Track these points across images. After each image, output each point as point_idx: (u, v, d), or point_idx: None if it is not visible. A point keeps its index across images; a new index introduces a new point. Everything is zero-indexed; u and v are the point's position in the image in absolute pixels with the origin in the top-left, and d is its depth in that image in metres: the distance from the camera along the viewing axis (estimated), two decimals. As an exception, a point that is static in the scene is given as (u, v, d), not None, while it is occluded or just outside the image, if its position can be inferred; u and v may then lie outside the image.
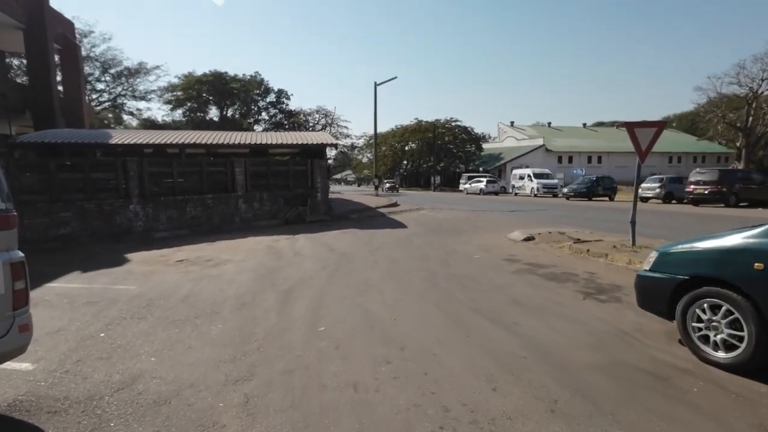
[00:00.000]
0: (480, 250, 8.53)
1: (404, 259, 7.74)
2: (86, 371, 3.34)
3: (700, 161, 57.69)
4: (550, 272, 6.50)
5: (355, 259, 7.91)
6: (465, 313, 4.62)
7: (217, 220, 12.66)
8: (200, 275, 6.73)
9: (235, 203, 13.05)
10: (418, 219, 15.28)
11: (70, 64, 18.33)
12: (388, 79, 25.22)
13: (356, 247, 9.27)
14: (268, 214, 13.77)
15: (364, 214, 16.74)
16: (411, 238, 10.43)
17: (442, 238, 10.29)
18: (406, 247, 9.18)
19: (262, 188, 13.67)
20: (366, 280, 6.22)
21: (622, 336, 3.92)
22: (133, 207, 11.21)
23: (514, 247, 8.81)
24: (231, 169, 12.98)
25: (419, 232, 11.52)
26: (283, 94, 52.83)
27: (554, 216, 15.61)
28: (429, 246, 9.22)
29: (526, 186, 33.58)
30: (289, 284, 6.05)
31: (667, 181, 22.51)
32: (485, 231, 11.54)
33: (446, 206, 21.45)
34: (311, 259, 7.90)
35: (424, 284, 5.94)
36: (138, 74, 40.84)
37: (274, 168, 13.94)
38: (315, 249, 9.06)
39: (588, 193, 25.88)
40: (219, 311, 4.85)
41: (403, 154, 60.38)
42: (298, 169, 14.53)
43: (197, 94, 42.07)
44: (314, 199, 14.75)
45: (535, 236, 9.56)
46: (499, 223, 13.31)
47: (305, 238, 10.60)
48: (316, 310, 4.85)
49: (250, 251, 8.85)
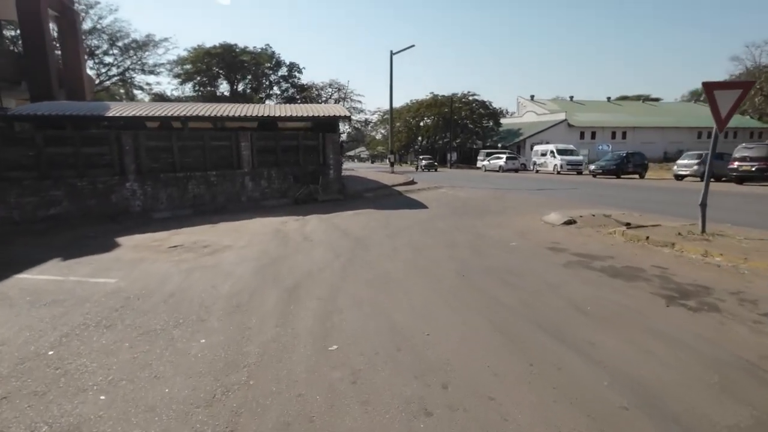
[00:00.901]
0: (516, 236, 7.40)
1: (429, 247, 6.68)
2: (4, 419, 2.40)
3: (732, 137, 54.71)
4: (609, 266, 5.37)
5: (372, 245, 6.88)
6: (519, 326, 3.56)
7: (221, 199, 11.72)
8: (194, 265, 5.78)
9: (241, 181, 12.06)
10: (438, 198, 14.13)
11: (68, 32, 17.26)
12: (405, 48, 23.63)
13: (373, 230, 8.23)
14: (277, 193, 12.78)
15: (380, 193, 15.65)
16: (433, 221, 9.34)
17: (469, 221, 9.17)
18: (430, 231, 8.10)
19: (271, 165, 12.64)
20: (386, 274, 5.19)
21: (749, 369, 2.82)
22: (130, 185, 10.31)
23: (554, 233, 7.66)
24: (236, 144, 11.95)
25: (442, 214, 10.41)
26: (295, 67, 51.13)
27: (587, 195, 14.29)
28: (455, 230, 8.12)
29: (549, 163, 31.92)
30: (295, 279, 5.06)
31: (706, 157, 20.74)
32: (516, 212, 10.36)
33: (466, 184, 20.20)
34: (322, 246, 6.89)
35: (457, 281, 4.88)
36: (146, 47, 39.66)
37: (282, 143, 12.86)
38: (327, 233, 8.05)
39: (617, 171, 24.23)
40: (206, 317, 3.88)
41: (418, 130, 58.56)
42: (309, 143, 13.42)
43: (207, 68, 40.77)
44: (326, 177, 13.68)
45: (576, 219, 8.37)
46: (528, 203, 12.09)
47: (316, 220, 9.60)
48: (326, 317, 3.84)
49: (255, 235, 7.88)
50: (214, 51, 40.28)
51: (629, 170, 24.42)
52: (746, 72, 43.34)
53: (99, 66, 38.46)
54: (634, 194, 14.42)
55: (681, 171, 21.51)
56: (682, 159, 21.73)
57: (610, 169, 24.35)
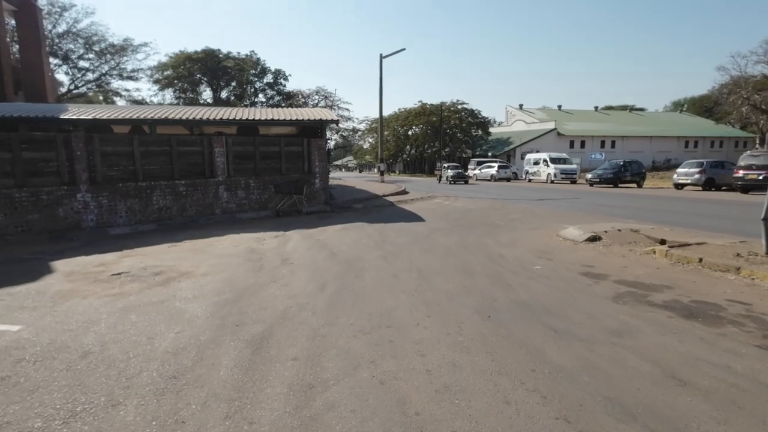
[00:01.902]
0: (537, 256, 6.21)
1: (437, 272, 5.43)
2: None
3: (718, 146, 55.10)
4: (673, 300, 4.19)
5: (365, 270, 5.61)
6: (598, 417, 2.32)
7: (192, 211, 10.34)
8: (134, 302, 4.43)
9: (214, 191, 10.70)
10: (434, 210, 12.94)
11: (28, 28, 15.77)
12: (395, 51, 22.62)
13: (365, 249, 6.96)
14: (256, 204, 11.43)
15: (371, 204, 14.40)
16: (434, 236, 8.11)
17: (476, 237, 7.96)
18: (433, 250, 6.86)
19: (249, 173, 11.31)
20: (388, 315, 3.92)
21: None
22: (81, 196, 8.87)
23: (580, 252, 6.49)
24: (209, 150, 10.60)
25: (442, 228, 9.19)
26: (281, 74, 49.90)
27: (593, 206, 13.26)
28: (463, 249, 6.90)
29: (542, 172, 31.14)
30: (265, 324, 3.75)
31: (708, 165, 20.07)
32: (526, 226, 9.20)
33: (461, 194, 19.10)
34: (304, 272, 5.59)
35: (483, 326, 3.64)
36: (124, 52, 38.08)
37: (262, 149, 11.55)
38: (311, 253, 6.75)
39: (615, 180, 23.48)
40: (121, 400, 2.56)
41: (406, 139, 57.69)
42: (293, 150, 12.14)
43: (188, 74, 39.20)
44: (312, 186, 12.40)
45: (600, 235, 7.22)
46: (534, 216, 10.96)
47: (299, 236, 8.29)
48: (304, 398, 2.55)
49: (223, 257, 6.53)
50: (195, 56, 38.79)
51: (627, 179, 23.71)
52: (732, 81, 43.36)
53: (74, 71, 36.77)
54: (643, 204, 13.44)
55: (681, 180, 20.79)
56: (682, 168, 21.02)
57: (608, 177, 23.58)
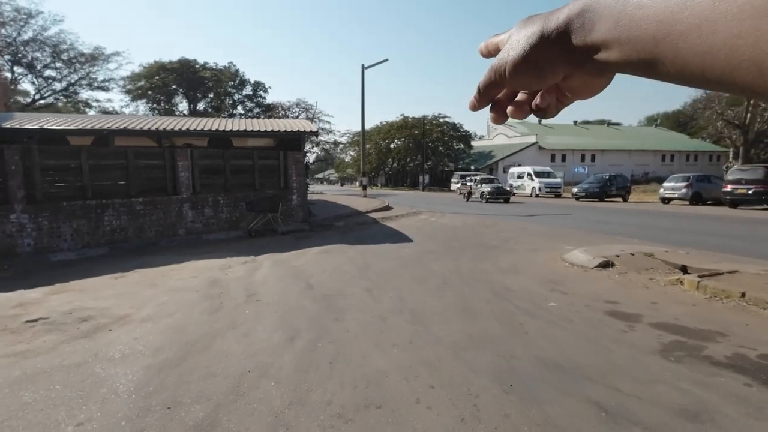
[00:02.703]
0: (548, 288, 5.33)
1: (434, 312, 4.48)
2: None
3: (693, 160, 56.31)
4: (735, 355, 3.34)
5: (347, 311, 4.61)
6: None
7: (151, 232, 9.17)
8: (40, 367, 3.33)
9: (177, 209, 9.57)
10: (421, 227, 12.05)
11: (-22, 31, 14.41)
12: (378, 62, 21.97)
13: (347, 279, 5.97)
14: (226, 224, 10.33)
15: (353, 221, 13.42)
16: (425, 261, 7.18)
17: (471, 261, 7.07)
18: (426, 280, 5.91)
19: (218, 189, 10.22)
20: (377, 386, 2.93)
21: None
22: (16, 217, 7.63)
23: (595, 282, 5.64)
24: (172, 163, 9.49)
25: (433, 250, 8.28)
26: (260, 86, 48.90)
27: (588, 222, 12.61)
28: (459, 278, 5.98)
29: (526, 185, 30.76)
30: (209, 404, 2.71)
31: (694, 180, 19.86)
32: (524, 247, 8.36)
33: (446, 209, 18.30)
34: (272, 313, 4.56)
35: (509, 404, 2.68)
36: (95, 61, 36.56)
37: (233, 162, 10.49)
38: (283, 285, 5.72)
39: (601, 194, 23.15)
40: None
41: (388, 153, 57.15)
42: (268, 163, 11.12)
43: (162, 84, 37.74)
44: (288, 203, 11.36)
45: (611, 260, 6.42)
46: (530, 234, 10.17)
47: (271, 262, 7.24)
48: None
49: (176, 293, 5.44)
50: (170, 66, 37.40)
51: (612, 193, 23.40)
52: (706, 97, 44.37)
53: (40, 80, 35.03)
54: (640, 220, 12.85)
55: (668, 194, 20.51)
56: (668, 182, 20.77)
57: (594, 192, 23.24)
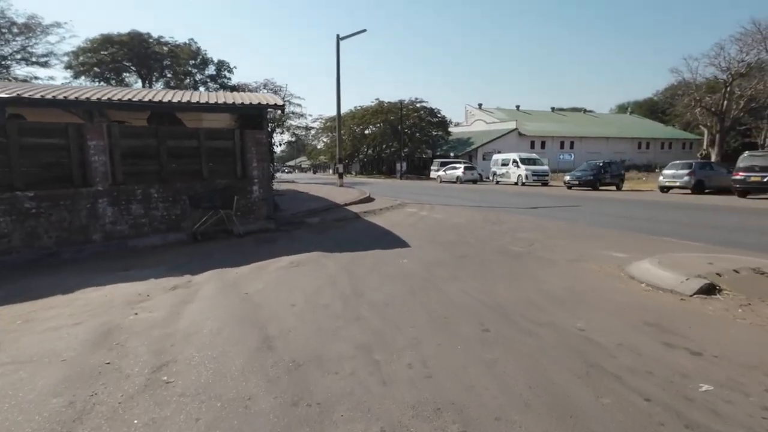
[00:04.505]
0: (660, 342, 3.22)
1: (497, 414, 2.32)
2: None
3: (668, 147, 56.46)
4: None
5: (334, 411, 2.40)
6: None
7: (50, 239, 6.60)
8: None
9: (90, 207, 7.01)
10: (413, 224, 9.89)
11: None
12: (354, 33, 19.40)
13: (329, 327, 3.71)
14: (163, 225, 7.84)
15: (329, 216, 11.10)
16: (439, 282, 5.01)
17: (505, 282, 4.94)
18: (452, 322, 3.72)
19: (150, 178, 7.69)
20: None
21: None
22: None
23: (719, 326, 3.60)
24: (80, 143, 6.89)
25: (442, 260, 6.12)
26: (225, 66, 45.08)
27: (605, 216, 10.83)
28: (504, 319, 3.83)
29: (511, 173, 29.10)
30: None
31: (697, 167, 18.50)
32: (559, 255, 6.29)
33: (432, 200, 16.24)
34: (187, 426, 2.29)
35: None
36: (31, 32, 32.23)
37: (172, 143, 7.95)
38: (221, 342, 3.40)
39: (594, 182, 21.66)
40: None
41: (363, 139, 54.50)
42: (219, 145, 8.63)
43: (112, 59, 33.70)
44: (247, 196, 8.94)
45: (715, 282, 4.42)
46: (551, 234, 8.18)
47: (213, 290, 4.89)
48: None
49: (16, 372, 3.04)
50: (119, 38, 33.35)
51: (606, 181, 21.94)
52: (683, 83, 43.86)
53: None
54: (661, 214, 11.14)
55: (668, 182, 19.11)
56: (668, 169, 19.36)
57: (588, 180, 21.70)
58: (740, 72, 38.38)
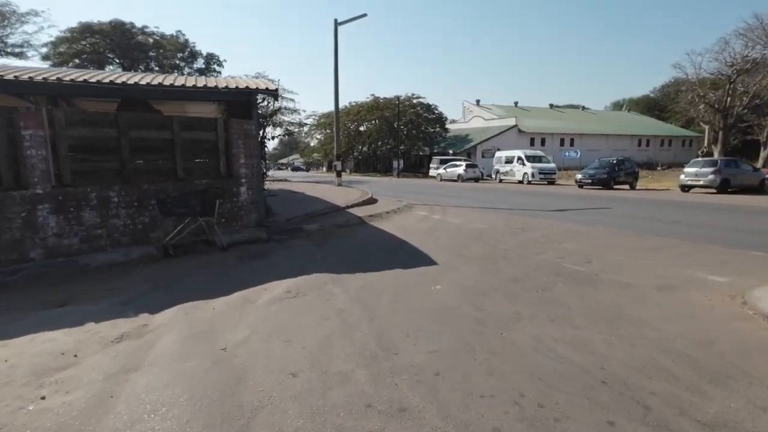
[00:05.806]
0: None
1: None
2: None
3: (667, 145, 55.54)
4: None
5: None
6: None
7: (-30, 258, 5.03)
8: None
9: (26, 215, 5.43)
10: (430, 231, 8.42)
11: None
12: (354, 18, 17.86)
13: (350, 419, 2.24)
14: (125, 236, 6.27)
15: (330, 222, 9.56)
16: (492, 323, 3.54)
17: (597, 326, 3.50)
18: (550, 416, 2.28)
19: (109, 178, 6.12)
20: None
21: None
22: None
23: None
24: (10, 134, 5.31)
25: (483, 286, 4.64)
26: (214, 59, 43.20)
27: (641, 219, 9.48)
28: (633, 404, 2.39)
29: (516, 171, 27.74)
30: None
31: (722, 165, 17.24)
32: (639, 279, 4.85)
33: (441, 200, 14.77)
34: None
35: None
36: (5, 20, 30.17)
37: (136, 134, 6.38)
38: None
39: (608, 180, 20.33)
40: None
41: (358, 136, 52.84)
42: (198, 137, 7.08)
43: (92, 50, 31.73)
44: (233, 199, 7.40)
45: None
46: (606, 247, 6.75)
47: (176, 337, 3.37)
48: None
49: None
50: (99, 27, 31.37)
51: (621, 180, 20.65)
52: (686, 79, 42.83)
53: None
54: (720, 219, 9.78)
55: (690, 181, 17.83)
56: (690, 167, 18.08)
57: (601, 178, 20.37)
58: (745, 68, 37.41)
